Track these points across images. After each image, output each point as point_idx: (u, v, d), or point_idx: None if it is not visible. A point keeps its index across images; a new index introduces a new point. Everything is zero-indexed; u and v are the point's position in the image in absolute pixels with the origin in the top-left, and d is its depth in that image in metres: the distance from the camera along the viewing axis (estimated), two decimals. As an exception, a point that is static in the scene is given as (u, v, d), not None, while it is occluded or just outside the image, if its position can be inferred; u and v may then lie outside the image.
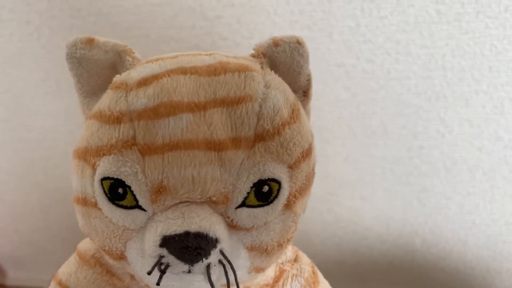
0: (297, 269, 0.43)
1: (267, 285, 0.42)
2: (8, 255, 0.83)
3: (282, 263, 0.43)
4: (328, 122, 0.63)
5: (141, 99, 0.31)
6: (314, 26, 0.57)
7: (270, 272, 0.41)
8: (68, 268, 0.41)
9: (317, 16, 0.57)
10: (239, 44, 0.60)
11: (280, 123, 0.32)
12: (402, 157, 0.65)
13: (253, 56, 0.36)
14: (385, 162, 0.66)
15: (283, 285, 0.42)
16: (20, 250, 0.82)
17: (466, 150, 0.63)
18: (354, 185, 0.68)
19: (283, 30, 0.58)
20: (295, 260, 0.44)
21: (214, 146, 0.30)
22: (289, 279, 0.43)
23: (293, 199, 0.34)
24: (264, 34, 0.59)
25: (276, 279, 0.43)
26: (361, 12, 0.56)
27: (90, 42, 0.34)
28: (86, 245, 0.41)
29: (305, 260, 0.45)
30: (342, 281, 0.47)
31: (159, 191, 0.30)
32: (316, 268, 0.45)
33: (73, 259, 0.41)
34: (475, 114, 0.60)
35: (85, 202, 0.34)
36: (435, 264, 0.72)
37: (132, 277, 0.40)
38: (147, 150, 0.30)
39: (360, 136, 0.64)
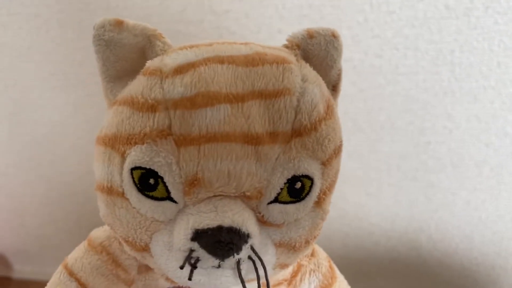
0: (315, 264, 0.43)
1: (285, 280, 0.42)
2: (14, 248, 0.83)
3: (300, 258, 0.42)
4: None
5: (177, 88, 0.30)
6: (322, 20, 0.57)
7: (289, 267, 0.41)
8: (76, 253, 0.40)
9: (326, 11, 0.57)
10: (247, 39, 0.59)
11: (317, 118, 0.31)
12: (409, 152, 0.65)
13: (286, 47, 0.35)
14: (391, 158, 0.66)
15: (301, 280, 0.42)
16: (26, 244, 0.82)
17: (473, 146, 0.63)
18: (359, 180, 0.68)
19: (291, 25, 0.58)
20: (312, 254, 0.43)
21: (251, 140, 0.29)
22: (307, 274, 0.42)
23: (323, 196, 0.33)
24: (272, 28, 0.59)
25: (294, 274, 0.42)
26: (369, 7, 0.56)
27: (119, 24, 0.32)
28: (98, 233, 0.41)
29: (321, 254, 0.44)
30: (347, 276, 0.47)
31: (193, 183, 0.30)
32: (332, 263, 0.45)
33: (82, 245, 0.41)
34: (483, 110, 0.60)
35: (111, 191, 0.33)
36: (441, 261, 0.72)
37: (140, 271, 0.40)
38: (183, 141, 0.29)
39: (367, 131, 0.64)
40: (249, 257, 0.31)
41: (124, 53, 0.34)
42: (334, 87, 0.37)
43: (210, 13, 0.59)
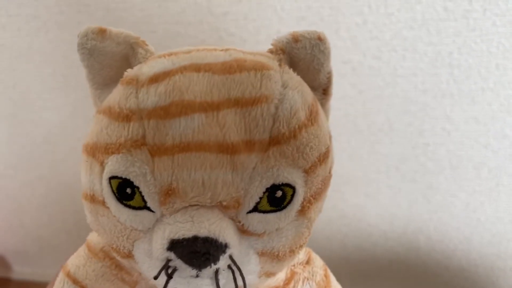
0: (309, 272, 0.42)
1: (277, 287, 0.42)
2: (13, 249, 0.83)
3: (294, 265, 0.42)
4: (333, 118, 0.62)
5: (151, 97, 0.29)
6: (321, 22, 0.57)
7: (281, 275, 0.40)
8: (77, 260, 0.40)
9: (324, 13, 0.57)
10: (246, 40, 0.60)
11: (296, 126, 0.30)
12: (408, 154, 0.65)
13: (271, 52, 0.34)
14: (390, 160, 0.66)
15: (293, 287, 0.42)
16: (25, 245, 0.83)
17: (472, 148, 0.63)
18: (359, 182, 0.68)
19: (290, 27, 0.58)
20: (307, 262, 0.43)
21: (227, 149, 0.29)
22: (300, 282, 0.41)
23: (308, 204, 0.32)
24: (270, 30, 0.59)
25: (287, 282, 0.41)
26: (368, 8, 0.56)
27: (102, 33, 0.32)
28: (96, 237, 0.40)
29: (317, 263, 0.43)
30: (346, 277, 0.46)
31: (168, 193, 0.29)
32: (329, 272, 0.44)
33: (82, 252, 0.41)
34: (482, 112, 0.60)
35: (93, 199, 0.33)
36: (439, 262, 0.72)
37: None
38: (157, 151, 0.29)
39: (366, 133, 0.64)
40: (229, 267, 0.31)
41: (108, 61, 0.34)
42: (324, 91, 0.36)
43: (209, 14, 0.59)
